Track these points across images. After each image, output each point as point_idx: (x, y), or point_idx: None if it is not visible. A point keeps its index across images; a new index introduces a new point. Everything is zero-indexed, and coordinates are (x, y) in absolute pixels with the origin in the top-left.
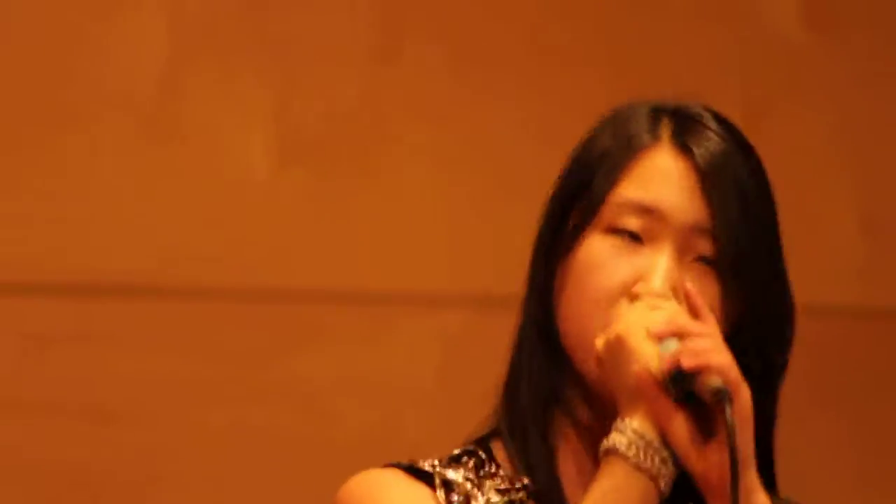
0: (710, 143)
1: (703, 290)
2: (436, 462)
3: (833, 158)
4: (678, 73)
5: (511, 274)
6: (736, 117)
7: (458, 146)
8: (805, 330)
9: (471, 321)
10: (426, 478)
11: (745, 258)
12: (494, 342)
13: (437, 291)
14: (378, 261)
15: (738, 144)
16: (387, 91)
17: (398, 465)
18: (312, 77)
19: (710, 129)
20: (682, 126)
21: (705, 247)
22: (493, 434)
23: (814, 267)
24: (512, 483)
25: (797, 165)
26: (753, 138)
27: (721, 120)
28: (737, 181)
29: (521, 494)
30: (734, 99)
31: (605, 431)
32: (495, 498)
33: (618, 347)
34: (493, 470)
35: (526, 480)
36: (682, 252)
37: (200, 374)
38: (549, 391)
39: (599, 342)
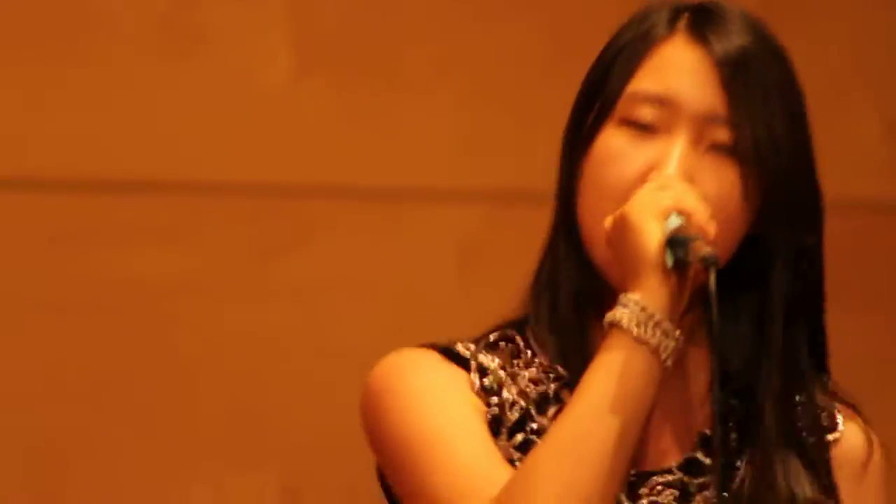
0: (730, 34)
1: (719, 176)
2: (472, 346)
3: (855, 63)
4: None
5: (530, 168)
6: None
7: (476, 48)
8: (830, 226)
9: (485, 217)
10: (462, 362)
11: (761, 144)
12: (515, 238)
13: (455, 187)
14: (395, 156)
15: (760, 39)
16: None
17: (434, 346)
18: None
19: (730, 22)
20: (702, 18)
21: (722, 135)
22: (529, 320)
23: (837, 164)
24: (547, 372)
25: (820, 70)
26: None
27: (745, 16)
28: (756, 70)
29: (554, 385)
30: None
31: None
32: (528, 388)
33: (624, 225)
34: (529, 357)
35: (561, 370)
36: (697, 140)
37: (205, 269)
38: (580, 289)
39: (608, 221)
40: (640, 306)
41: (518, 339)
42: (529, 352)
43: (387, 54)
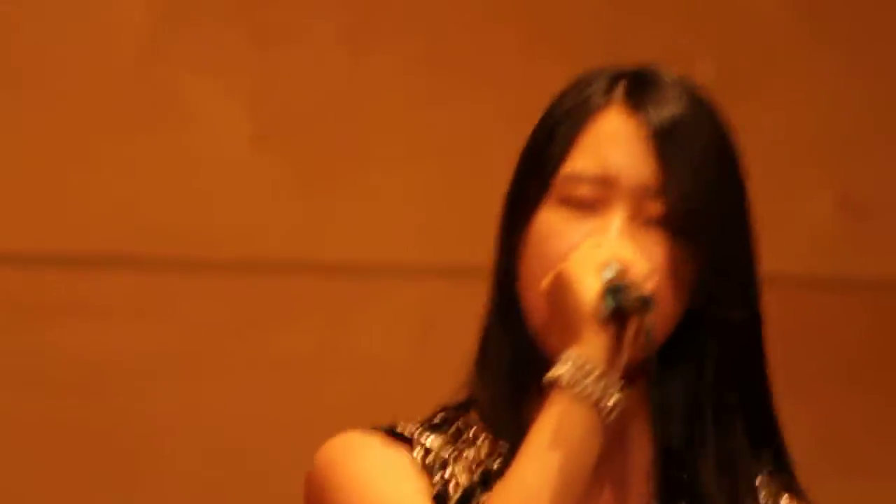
0: (665, 101)
1: (654, 251)
2: (416, 427)
3: (811, 136)
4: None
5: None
6: (713, 90)
7: (433, 125)
8: (781, 300)
9: (447, 292)
10: (404, 441)
11: (693, 216)
12: (471, 312)
13: (413, 263)
14: (354, 234)
15: (695, 106)
16: (363, 75)
17: (378, 428)
18: (291, 61)
19: (665, 89)
20: (638, 86)
21: (656, 208)
22: (472, 401)
23: (789, 239)
24: (490, 450)
25: (773, 141)
26: (730, 111)
27: (682, 83)
28: (689, 138)
29: (498, 461)
30: (710, 72)
31: None
32: (472, 467)
33: (560, 281)
34: (472, 437)
35: (504, 446)
36: (634, 214)
37: (181, 346)
38: (519, 363)
39: (545, 281)
40: (580, 361)
41: (461, 420)
42: (472, 432)
43: (348, 127)
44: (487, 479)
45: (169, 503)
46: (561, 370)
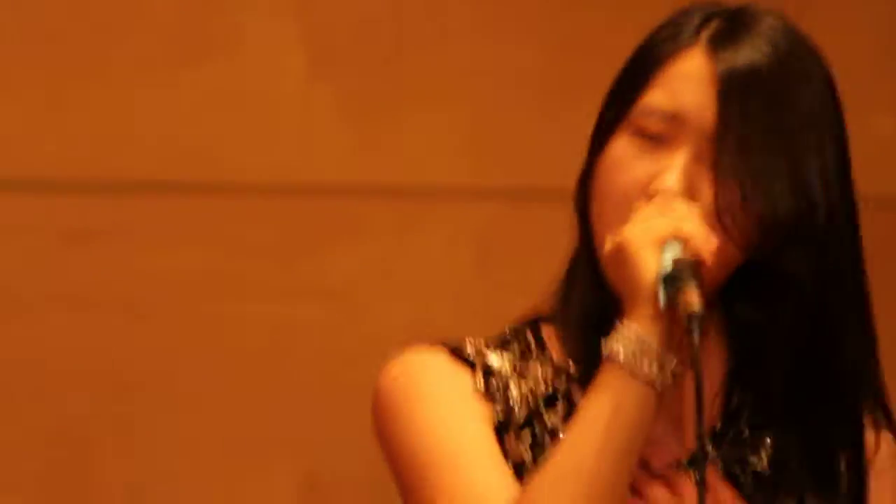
0: (749, 46)
1: (717, 194)
2: (482, 346)
3: (872, 56)
4: None
5: (545, 166)
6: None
7: (492, 50)
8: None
9: (504, 214)
10: (468, 362)
11: (757, 159)
12: (528, 235)
13: (470, 185)
14: (410, 156)
15: (781, 53)
16: (416, 3)
17: (444, 345)
18: None
19: (757, 32)
20: (728, 27)
21: (723, 152)
22: (547, 317)
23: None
24: (557, 370)
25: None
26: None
27: (775, 27)
28: (760, 84)
29: (565, 383)
30: None
31: None
32: (537, 386)
33: (620, 252)
34: (541, 354)
35: (573, 368)
36: (701, 155)
37: (229, 269)
38: (596, 288)
39: (607, 246)
40: (636, 338)
41: (531, 336)
42: (542, 349)
43: (401, 55)
44: (552, 401)
45: (217, 423)
46: (618, 347)
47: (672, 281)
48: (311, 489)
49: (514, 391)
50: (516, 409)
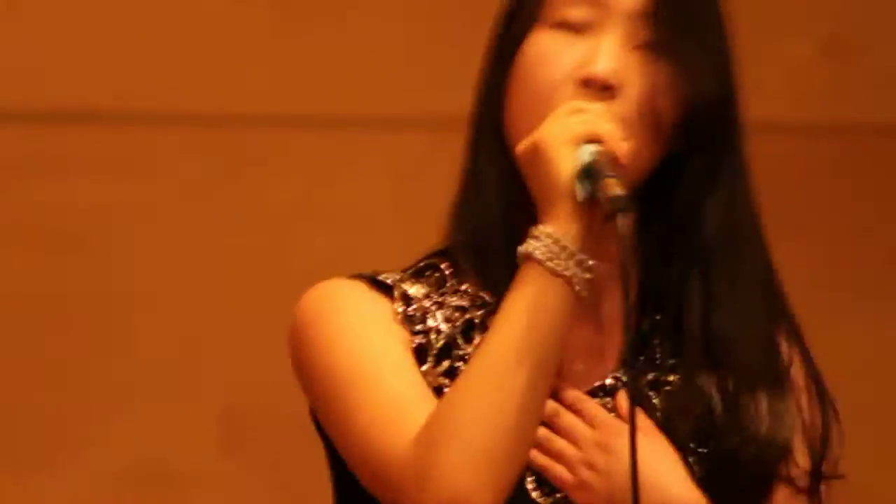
0: None
1: (645, 73)
2: (398, 276)
3: None
4: None
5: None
6: None
7: None
8: (767, 147)
9: (424, 144)
10: (386, 290)
11: (681, 43)
12: (449, 164)
13: (391, 116)
14: (334, 86)
15: None
16: None
17: (360, 276)
18: None
19: None
20: None
21: (649, 33)
22: (458, 247)
23: (776, 85)
24: (473, 299)
25: None
26: None
27: None
28: None
29: (480, 312)
30: None
31: None
32: (454, 316)
33: (535, 152)
34: (455, 285)
35: (487, 297)
36: (626, 38)
37: (162, 199)
38: (509, 198)
39: (520, 147)
40: (553, 238)
41: (445, 267)
42: (456, 279)
43: None
44: (469, 330)
45: (139, 354)
46: (534, 246)
47: (590, 174)
48: (230, 423)
49: (430, 320)
50: (433, 337)
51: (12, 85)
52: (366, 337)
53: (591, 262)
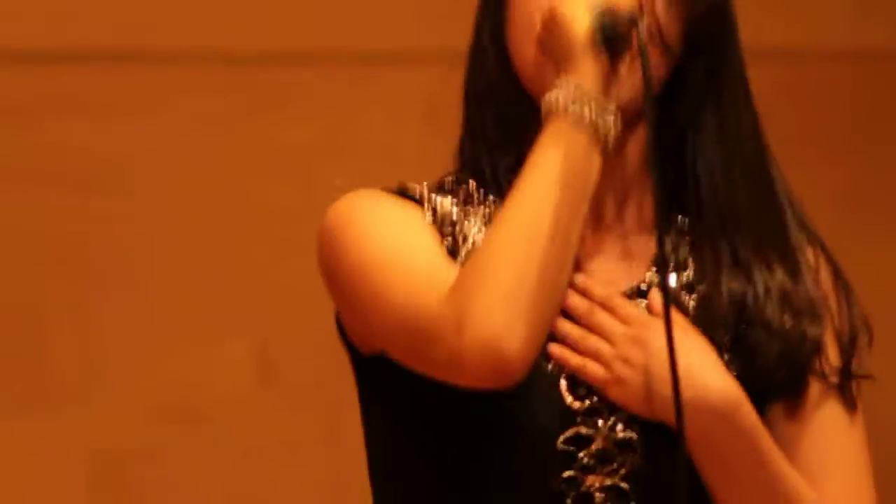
0: None
1: None
2: (426, 189)
3: None
4: None
5: None
6: None
7: None
8: (794, 73)
9: (448, 76)
10: (414, 200)
11: None
12: None
13: (413, 48)
14: (353, 20)
15: None
16: None
17: (387, 188)
18: None
19: None
20: None
21: None
22: (472, 169)
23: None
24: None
25: None
26: None
27: None
28: None
29: None
30: None
31: None
32: (481, 226)
33: (553, 19)
34: (483, 197)
35: None
36: None
37: (180, 139)
38: (517, 126)
39: (537, 22)
40: (574, 84)
41: (472, 181)
42: (483, 191)
43: None
44: None
45: (179, 292)
46: (557, 93)
47: (604, 16)
48: (265, 358)
49: (459, 227)
50: (461, 243)
51: (32, 26)
52: (397, 226)
53: (613, 106)
